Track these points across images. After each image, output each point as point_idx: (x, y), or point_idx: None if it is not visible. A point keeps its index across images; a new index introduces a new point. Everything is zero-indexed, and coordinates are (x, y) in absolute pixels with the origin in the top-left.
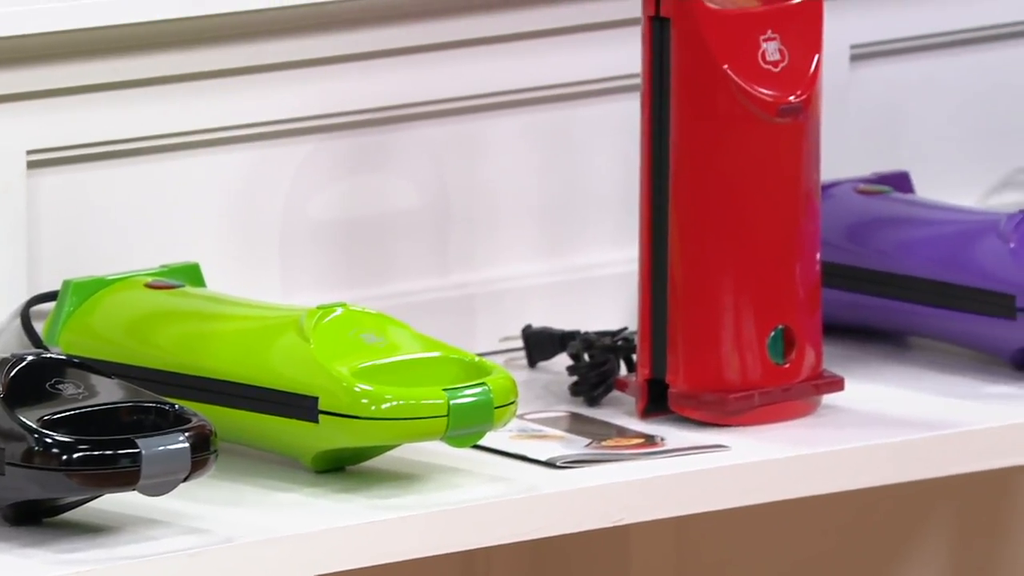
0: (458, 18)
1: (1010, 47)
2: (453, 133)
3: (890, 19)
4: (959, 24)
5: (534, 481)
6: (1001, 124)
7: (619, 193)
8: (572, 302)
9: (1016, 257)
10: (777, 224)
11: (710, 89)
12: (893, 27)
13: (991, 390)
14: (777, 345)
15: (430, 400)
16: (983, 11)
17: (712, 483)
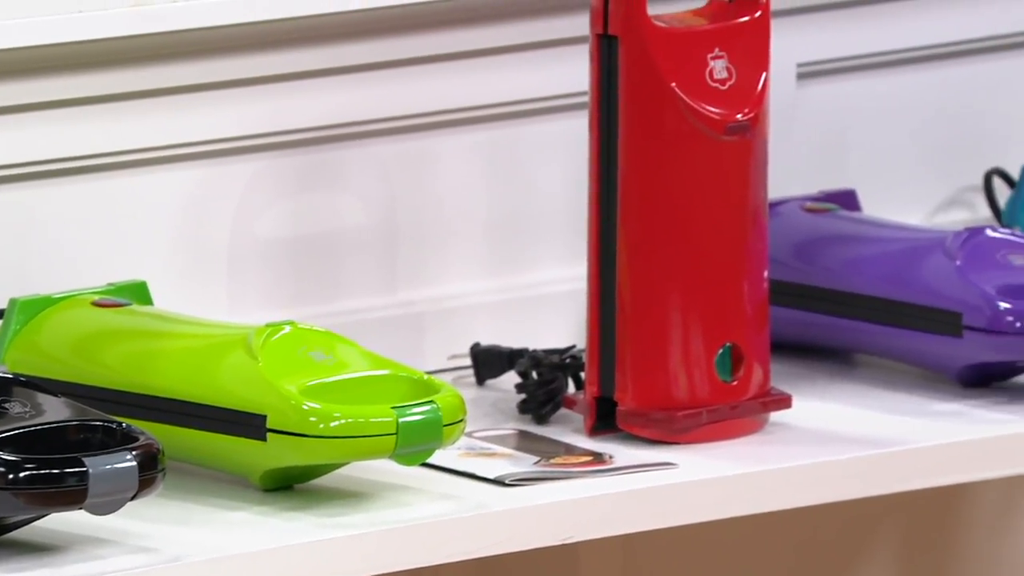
0: (407, 36)
1: (956, 66)
2: (402, 151)
3: (836, 37)
4: (905, 43)
5: (483, 499)
6: (947, 142)
7: (567, 211)
8: (520, 320)
9: (962, 275)
10: (725, 242)
11: (658, 107)
12: (839, 45)
13: (938, 408)
14: (725, 363)
15: (378, 418)
16: (929, 30)
17: (660, 501)
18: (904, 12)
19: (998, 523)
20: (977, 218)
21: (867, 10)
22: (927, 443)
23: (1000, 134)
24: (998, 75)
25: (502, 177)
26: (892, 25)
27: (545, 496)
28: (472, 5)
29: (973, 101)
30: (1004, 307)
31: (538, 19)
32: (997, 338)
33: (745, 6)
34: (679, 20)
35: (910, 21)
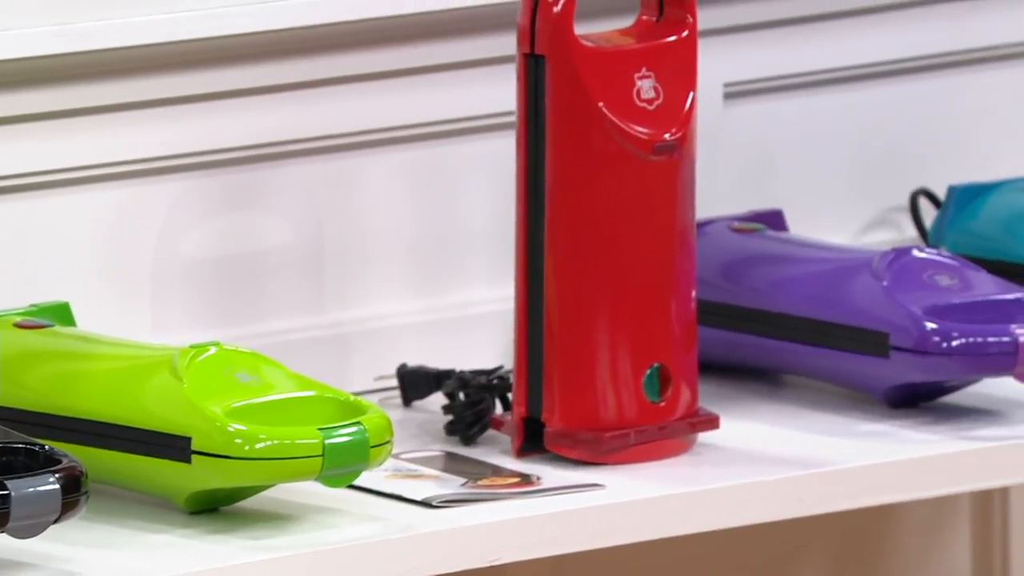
0: (331, 56)
1: (882, 86)
2: (327, 171)
3: (763, 57)
4: (832, 63)
5: (410, 521)
6: (873, 162)
7: (495, 231)
8: (447, 341)
9: (889, 295)
10: (652, 262)
11: (585, 127)
12: (766, 65)
13: (865, 428)
14: (653, 383)
15: (305, 440)
16: (854, 50)
17: (588, 522)
18: (831, 33)
19: (926, 543)
20: (903, 238)
21: (793, 30)
22: (854, 463)
23: (926, 154)
24: (924, 96)
25: (428, 197)
26: (819, 45)
27: (472, 518)
28: (398, 24)
29: (899, 121)
30: (930, 327)
31: (465, 38)
32: (923, 358)
33: (672, 26)
34: (606, 39)
35: (837, 42)
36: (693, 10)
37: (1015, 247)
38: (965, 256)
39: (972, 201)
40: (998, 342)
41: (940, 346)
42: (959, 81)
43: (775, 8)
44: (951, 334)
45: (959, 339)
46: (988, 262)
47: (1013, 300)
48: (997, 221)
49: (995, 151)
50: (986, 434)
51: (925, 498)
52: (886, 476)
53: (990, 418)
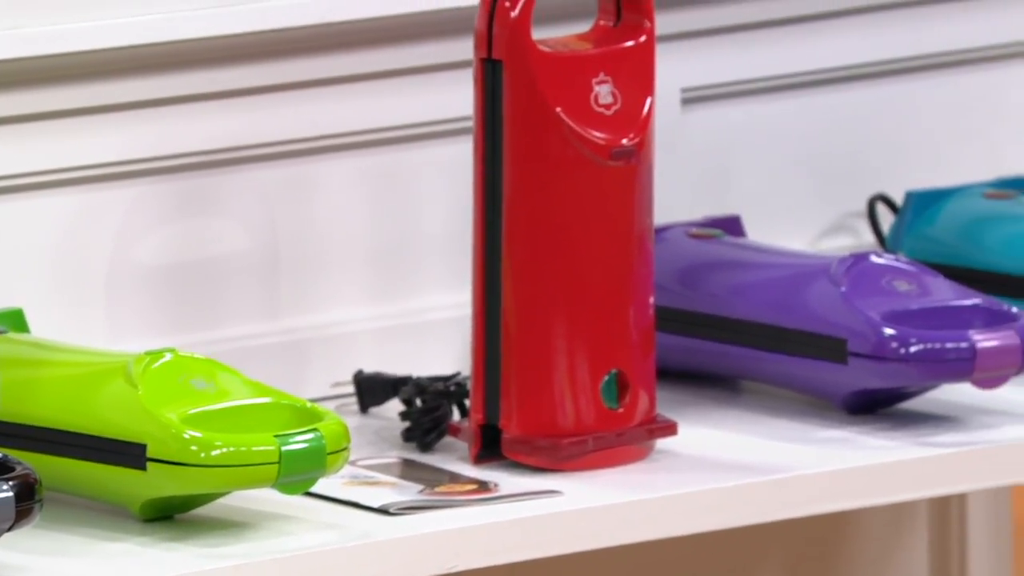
0: (288, 61)
1: (839, 92)
2: (283, 176)
3: (720, 63)
4: (789, 69)
5: (367, 528)
6: (831, 168)
7: (452, 236)
8: (404, 347)
9: (847, 301)
10: (610, 268)
11: (543, 132)
12: (723, 71)
13: (823, 434)
14: (611, 390)
15: (261, 447)
16: (812, 56)
17: (545, 529)
18: (788, 38)
19: (884, 549)
20: (861, 244)
21: (751, 36)
22: (813, 470)
23: (883, 160)
24: (881, 101)
25: (385, 202)
26: (776, 51)
27: (430, 525)
28: (354, 29)
29: (856, 127)
30: (889, 333)
31: (422, 43)
32: (882, 364)
33: (630, 31)
34: (564, 44)
35: (794, 47)
36: (651, 15)
37: (972, 253)
38: (923, 262)
39: (929, 207)
40: (956, 348)
41: (898, 352)
42: (916, 87)
43: (733, 13)
44: (909, 340)
45: (917, 345)
46: (946, 268)
47: (971, 306)
48: (954, 227)
49: (952, 157)
50: (944, 440)
51: (883, 504)
52: (844, 482)
53: (948, 424)
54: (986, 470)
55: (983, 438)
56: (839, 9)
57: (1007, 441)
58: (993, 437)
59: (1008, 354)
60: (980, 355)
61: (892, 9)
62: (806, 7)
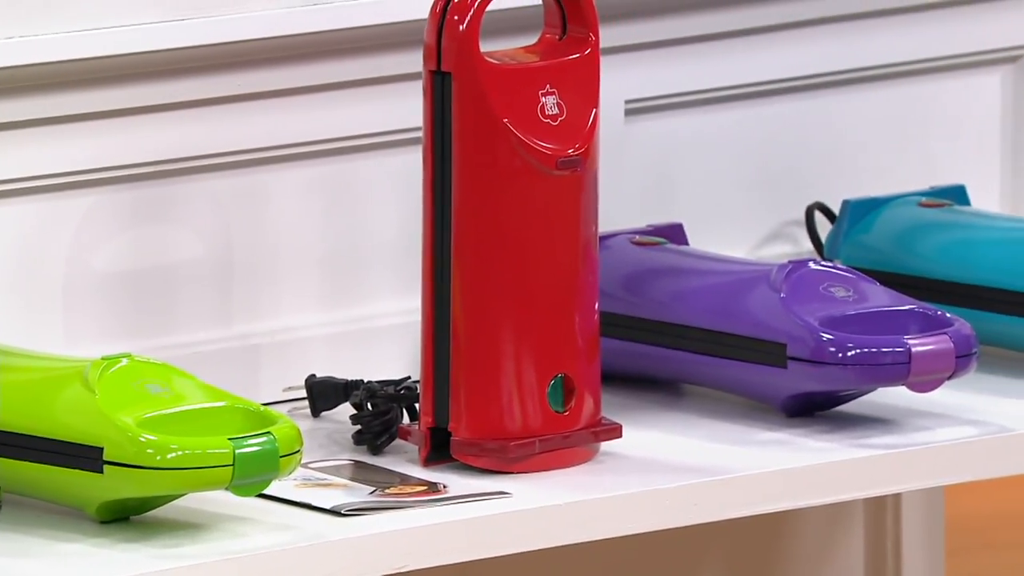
0: (240, 72)
1: (778, 102)
2: (236, 185)
3: (663, 75)
4: (729, 80)
5: (319, 529)
6: (770, 177)
7: (402, 244)
8: (355, 352)
9: (786, 306)
10: (557, 275)
11: (490, 142)
12: (666, 83)
13: (763, 437)
14: (557, 393)
15: (215, 449)
16: (752, 68)
17: (494, 529)
18: (729, 51)
19: (821, 548)
20: (800, 251)
21: (693, 49)
22: (752, 471)
23: (820, 169)
24: (819, 112)
25: (337, 211)
26: (717, 63)
27: (380, 526)
28: (307, 41)
29: (795, 138)
30: (827, 338)
31: (372, 55)
32: (820, 368)
33: (575, 43)
34: (511, 57)
35: (735, 60)
36: (595, 28)
37: (908, 260)
38: (859, 268)
39: (866, 215)
40: (892, 352)
41: (836, 356)
42: (853, 98)
43: (675, 27)
44: (846, 345)
45: (854, 349)
46: (882, 274)
47: (906, 311)
48: (890, 234)
49: (888, 166)
50: (880, 442)
51: (821, 504)
52: (783, 483)
53: (884, 426)
54: (920, 471)
55: (917, 440)
56: (779, 23)
57: (940, 443)
58: (927, 439)
59: (942, 359)
60: (915, 359)
61: (830, 23)
62: (746, 21)
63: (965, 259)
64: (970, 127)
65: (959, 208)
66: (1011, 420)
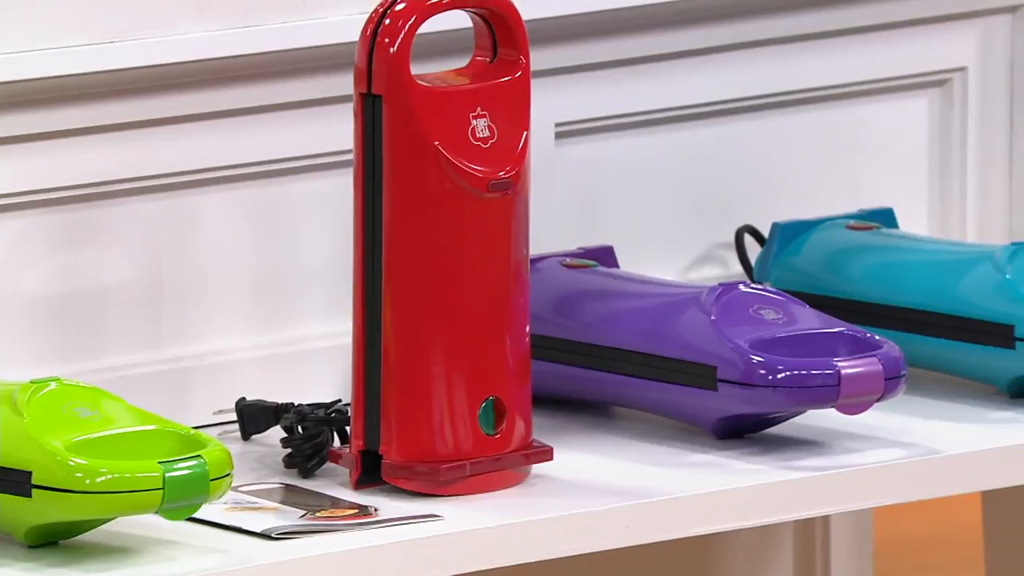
0: (170, 94)
1: (707, 126)
2: (166, 208)
3: (593, 98)
4: (659, 104)
5: (249, 553)
6: (700, 200)
7: (333, 267)
8: (286, 375)
9: (717, 329)
10: (488, 297)
11: (422, 165)
12: (596, 106)
13: (693, 459)
14: (488, 416)
15: (145, 473)
16: (681, 91)
17: (425, 552)
18: (658, 74)
19: (751, 571)
20: (729, 274)
21: (622, 72)
22: (682, 493)
23: (750, 192)
24: (748, 136)
25: (267, 234)
26: (646, 87)
27: (311, 549)
28: (237, 65)
29: (724, 161)
30: (757, 360)
31: (303, 77)
32: (750, 391)
33: (506, 66)
34: (442, 79)
35: (664, 83)
36: (526, 51)
37: (836, 282)
38: (789, 291)
39: (795, 238)
40: (821, 375)
41: (766, 379)
42: (782, 121)
43: (605, 50)
44: (776, 367)
45: (784, 372)
46: (811, 297)
47: (836, 334)
48: (819, 257)
49: (817, 189)
50: (809, 464)
51: (750, 527)
52: (713, 506)
53: (813, 448)
54: (849, 493)
55: (846, 462)
56: (708, 47)
57: (869, 465)
58: (856, 461)
59: (871, 381)
60: (844, 382)
61: (758, 47)
62: (676, 45)
63: (893, 281)
64: (898, 150)
65: (887, 231)
66: (939, 442)
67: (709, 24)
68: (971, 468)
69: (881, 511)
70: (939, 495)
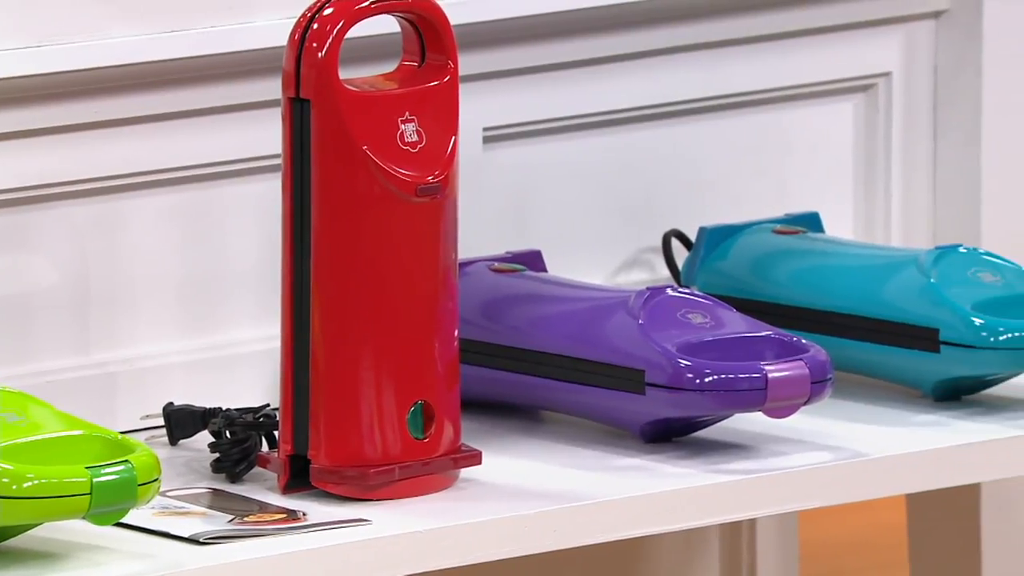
0: (99, 99)
1: (634, 130)
2: (93, 212)
3: (520, 102)
4: (587, 108)
5: (177, 558)
6: (627, 204)
7: (262, 271)
8: (214, 379)
9: (645, 333)
10: (416, 301)
11: (350, 169)
12: (523, 110)
13: (620, 462)
14: (417, 420)
15: (72, 478)
16: (608, 96)
17: (353, 556)
18: (585, 79)
19: (677, 573)
20: (657, 278)
21: (550, 77)
22: (611, 497)
23: (677, 196)
24: (676, 140)
25: (196, 238)
26: (574, 92)
27: (239, 554)
28: (165, 69)
29: (652, 165)
30: (684, 364)
31: (231, 82)
32: (678, 394)
33: (434, 71)
34: (370, 84)
35: (592, 88)
36: (454, 56)
37: (763, 286)
38: (716, 295)
39: (722, 242)
40: (748, 378)
41: (693, 382)
42: (709, 126)
43: (533, 55)
44: (704, 371)
45: (711, 376)
46: (738, 301)
47: (763, 337)
48: (746, 261)
49: (743, 193)
50: (736, 468)
51: (677, 530)
52: (640, 509)
53: (741, 452)
54: (775, 496)
55: (773, 465)
56: (635, 52)
57: (795, 468)
58: (782, 464)
59: (798, 384)
60: (771, 385)
61: (686, 52)
62: (603, 50)
63: (819, 285)
64: (823, 155)
65: (813, 235)
66: (865, 445)
67: (636, 30)
68: (896, 471)
69: (806, 514)
70: (864, 498)
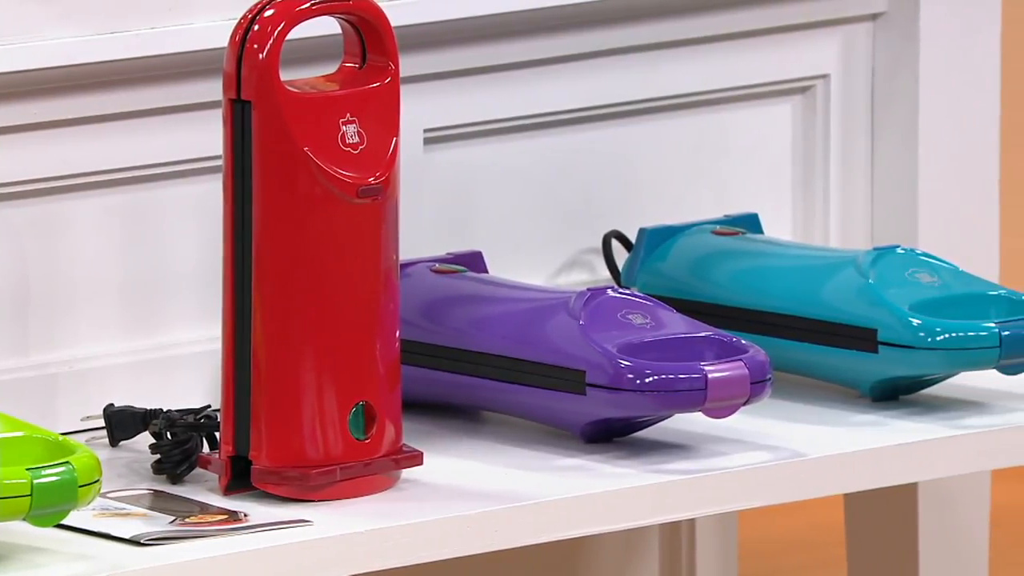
0: (37, 100)
1: (575, 132)
2: (33, 214)
3: (461, 104)
4: (527, 110)
5: (118, 559)
6: (568, 206)
7: (203, 272)
8: (155, 381)
9: (585, 334)
10: (358, 302)
11: (291, 170)
12: (464, 112)
13: (561, 463)
14: (358, 421)
15: (12, 480)
16: (549, 98)
17: (294, 557)
18: (526, 80)
19: (617, 572)
20: (597, 279)
21: (491, 78)
22: (551, 497)
23: (617, 198)
24: (616, 142)
25: (136, 240)
26: (515, 93)
27: (180, 555)
28: (104, 70)
29: (592, 166)
30: (624, 365)
31: (171, 83)
32: (618, 395)
33: (375, 72)
34: (311, 85)
35: (533, 90)
36: (395, 57)
37: (703, 287)
38: (656, 296)
39: (662, 243)
40: (688, 378)
41: (634, 383)
42: (648, 127)
43: (473, 56)
44: (644, 371)
45: (651, 376)
46: (678, 301)
47: (702, 338)
48: (685, 262)
49: (683, 194)
50: (676, 468)
51: (617, 530)
52: (580, 509)
53: (680, 452)
54: (715, 496)
55: (713, 465)
56: (575, 54)
57: (735, 468)
58: (722, 464)
59: (737, 384)
60: (711, 386)
61: (625, 53)
62: (544, 51)
63: (759, 286)
64: (762, 156)
65: (752, 236)
66: (804, 445)
67: (577, 31)
68: (834, 471)
69: (745, 513)
70: (803, 497)
